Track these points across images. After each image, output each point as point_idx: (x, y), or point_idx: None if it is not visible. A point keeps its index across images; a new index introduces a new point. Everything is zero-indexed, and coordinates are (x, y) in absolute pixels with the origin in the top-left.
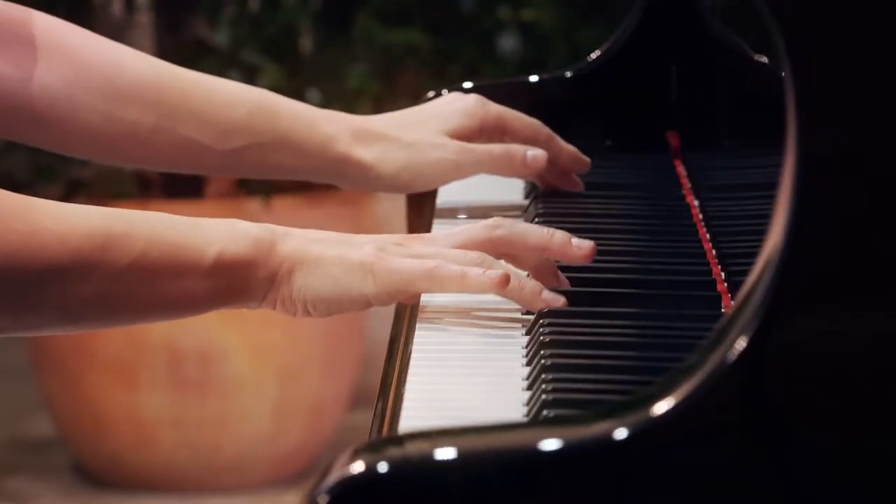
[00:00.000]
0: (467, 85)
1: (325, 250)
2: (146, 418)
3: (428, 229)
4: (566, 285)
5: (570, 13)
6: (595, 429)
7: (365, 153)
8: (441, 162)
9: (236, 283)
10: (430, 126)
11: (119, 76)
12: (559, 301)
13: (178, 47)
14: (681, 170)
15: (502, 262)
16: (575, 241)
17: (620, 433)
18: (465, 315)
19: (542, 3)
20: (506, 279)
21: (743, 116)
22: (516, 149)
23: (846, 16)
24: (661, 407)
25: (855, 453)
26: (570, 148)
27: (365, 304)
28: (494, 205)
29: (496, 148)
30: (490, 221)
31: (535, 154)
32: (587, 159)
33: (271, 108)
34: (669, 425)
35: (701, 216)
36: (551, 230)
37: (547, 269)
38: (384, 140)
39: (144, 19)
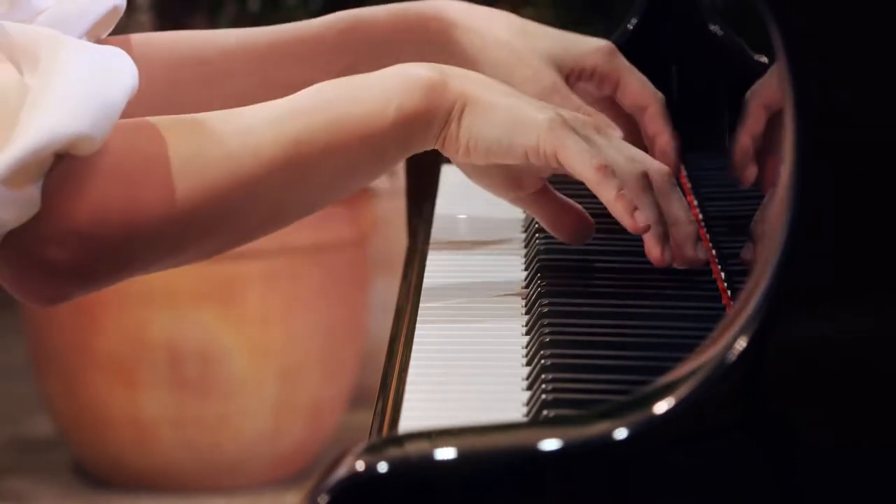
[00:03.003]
0: None
1: (499, 97)
2: (146, 418)
3: (428, 230)
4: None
5: (570, 13)
6: (595, 429)
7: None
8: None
9: (418, 129)
10: (544, 43)
11: (207, 59)
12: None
13: None
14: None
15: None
16: (699, 246)
17: (620, 433)
18: (466, 315)
19: (542, 3)
20: (646, 228)
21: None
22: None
23: (846, 16)
24: (661, 407)
25: (855, 453)
26: (668, 139)
27: (523, 157)
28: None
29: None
30: (661, 169)
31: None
32: (673, 161)
33: (360, 19)
34: (669, 425)
35: (701, 216)
36: (693, 220)
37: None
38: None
39: (144, 19)
